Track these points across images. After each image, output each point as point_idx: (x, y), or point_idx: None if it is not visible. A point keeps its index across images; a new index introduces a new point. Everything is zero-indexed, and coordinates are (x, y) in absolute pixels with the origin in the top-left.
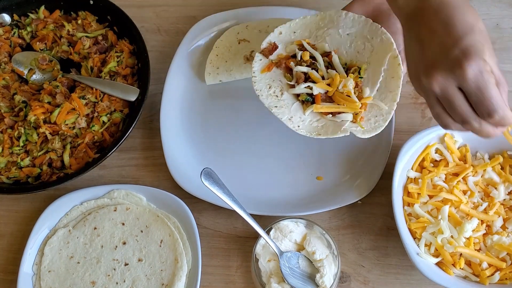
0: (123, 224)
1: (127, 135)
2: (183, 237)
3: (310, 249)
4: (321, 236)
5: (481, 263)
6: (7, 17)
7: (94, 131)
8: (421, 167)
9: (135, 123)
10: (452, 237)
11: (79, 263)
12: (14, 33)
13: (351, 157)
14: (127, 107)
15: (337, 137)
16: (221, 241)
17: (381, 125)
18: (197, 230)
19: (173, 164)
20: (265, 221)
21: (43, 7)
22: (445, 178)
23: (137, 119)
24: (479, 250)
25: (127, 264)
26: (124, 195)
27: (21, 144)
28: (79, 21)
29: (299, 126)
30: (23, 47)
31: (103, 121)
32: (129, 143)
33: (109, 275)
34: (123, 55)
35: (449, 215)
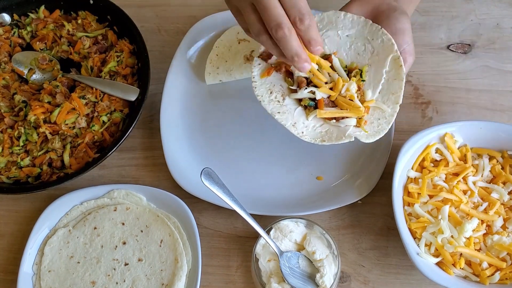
0: (123, 224)
1: (127, 135)
2: (183, 237)
3: (310, 249)
4: (321, 236)
5: (481, 263)
6: (7, 17)
7: (94, 131)
8: (421, 167)
9: (135, 123)
10: (452, 237)
11: (79, 263)
12: (14, 33)
13: (351, 157)
14: (127, 107)
15: (342, 143)
16: (221, 241)
17: (384, 128)
18: (197, 230)
19: (173, 164)
20: (265, 221)
21: (43, 7)
22: (445, 178)
23: (137, 119)
24: (479, 250)
25: (127, 264)
26: (124, 195)
27: (21, 144)
28: (79, 21)
29: (303, 132)
30: (23, 46)
31: (103, 121)
32: (129, 143)
33: (109, 275)
34: (123, 55)
35: (449, 215)
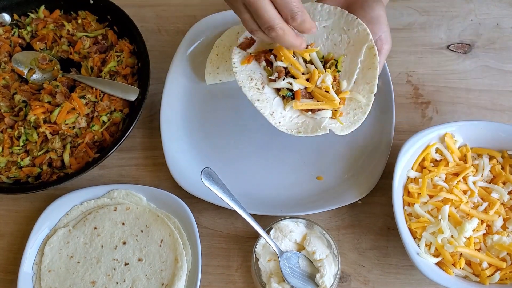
0: (123, 224)
1: (127, 135)
2: (183, 237)
3: (310, 249)
4: (321, 236)
5: (481, 263)
6: (7, 17)
7: (94, 130)
8: (421, 167)
9: (135, 122)
10: (452, 237)
11: (79, 263)
12: (14, 33)
13: (351, 156)
14: (127, 106)
15: (317, 135)
16: (221, 241)
17: (360, 118)
18: (197, 230)
19: (173, 163)
20: (265, 221)
21: (43, 7)
22: (445, 177)
23: (137, 119)
24: (479, 250)
25: (127, 264)
26: (124, 195)
27: (21, 143)
28: (79, 21)
29: (280, 122)
30: (23, 46)
31: (103, 121)
32: (129, 143)
33: (109, 275)
34: (123, 55)
35: (449, 215)
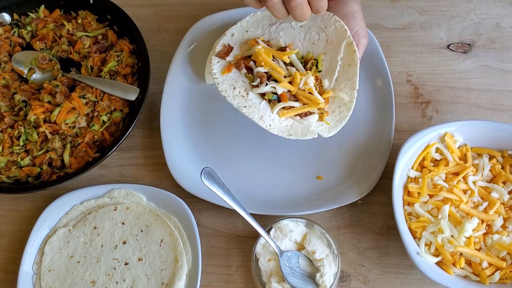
0: (123, 223)
1: (127, 135)
2: (183, 237)
3: (310, 249)
4: (321, 235)
5: (481, 262)
6: (7, 17)
7: (94, 130)
8: (421, 167)
9: (135, 122)
10: (452, 236)
11: (79, 262)
12: (14, 33)
13: (351, 156)
14: (127, 106)
15: (307, 139)
16: (221, 240)
17: (346, 115)
18: (197, 229)
19: (173, 163)
20: (265, 221)
21: (43, 7)
22: (445, 177)
23: (137, 119)
24: (479, 249)
25: (127, 263)
26: (124, 195)
27: (21, 143)
28: (79, 21)
29: (270, 125)
30: (23, 46)
31: (103, 121)
32: (129, 143)
33: (109, 275)
34: (123, 55)
35: (449, 214)
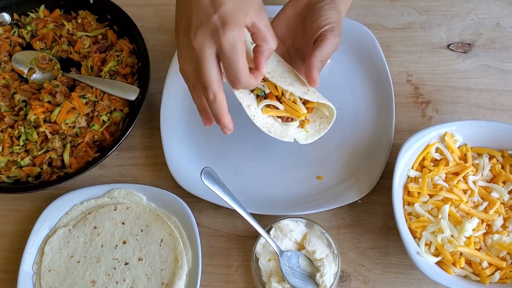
0: (123, 223)
1: (127, 135)
2: (183, 237)
3: (310, 248)
4: (321, 235)
5: (481, 262)
6: (7, 16)
7: (94, 130)
8: (422, 166)
9: (135, 122)
10: (452, 236)
11: (79, 262)
12: (14, 32)
13: (351, 156)
14: (127, 106)
15: (283, 141)
16: (221, 240)
17: (325, 127)
18: (197, 229)
19: (173, 163)
20: (265, 221)
21: (43, 6)
22: (445, 177)
23: (137, 118)
24: (479, 249)
25: (127, 263)
26: (124, 194)
27: (21, 143)
28: (79, 20)
29: (254, 116)
30: (23, 46)
31: (103, 120)
32: (129, 142)
33: (109, 275)
34: (123, 54)
35: (449, 214)
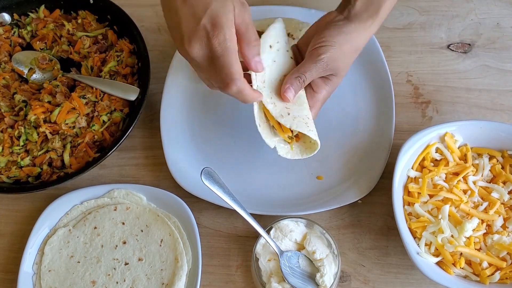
0: (123, 223)
1: (127, 135)
2: (183, 237)
3: (310, 249)
4: (321, 235)
5: (481, 262)
6: (7, 17)
7: (94, 130)
8: (422, 167)
9: (135, 122)
10: (452, 236)
11: (79, 262)
12: (14, 33)
13: (351, 156)
14: (127, 106)
15: (265, 142)
16: (221, 240)
17: (307, 154)
18: (197, 229)
19: (173, 163)
20: (265, 221)
21: (43, 7)
22: (446, 177)
23: (137, 119)
24: (479, 249)
25: (127, 263)
26: (124, 195)
27: (21, 143)
28: (79, 21)
29: (253, 104)
30: (23, 46)
31: (103, 121)
32: (129, 143)
33: (109, 275)
34: (123, 55)
35: (449, 214)
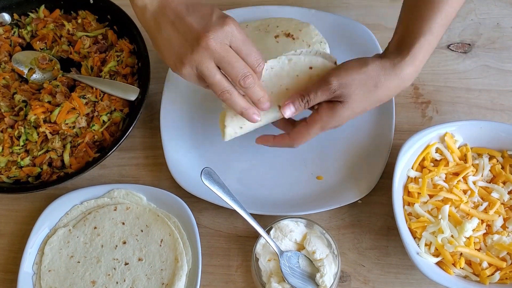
0: (123, 223)
1: (127, 135)
2: (183, 237)
3: (310, 249)
4: (321, 235)
5: (481, 262)
6: (7, 17)
7: (94, 130)
8: (421, 167)
9: (135, 122)
10: (452, 236)
11: (79, 262)
12: (14, 33)
13: (351, 156)
14: (127, 106)
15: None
16: (221, 240)
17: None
18: (197, 229)
19: (173, 163)
20: (265, 221)
21: (43, 7)
22: (445, 177)
23: (137, 119)
24: (479, 249)
25: (127, 263)
26: (124, 195)
27: (21, 143)
28: (79, 21)
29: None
30: (23, 46)
31: (103, 121)
32: (129, 143)
33: (109, 275)
34: (123, 55)
35: (449, 214)
